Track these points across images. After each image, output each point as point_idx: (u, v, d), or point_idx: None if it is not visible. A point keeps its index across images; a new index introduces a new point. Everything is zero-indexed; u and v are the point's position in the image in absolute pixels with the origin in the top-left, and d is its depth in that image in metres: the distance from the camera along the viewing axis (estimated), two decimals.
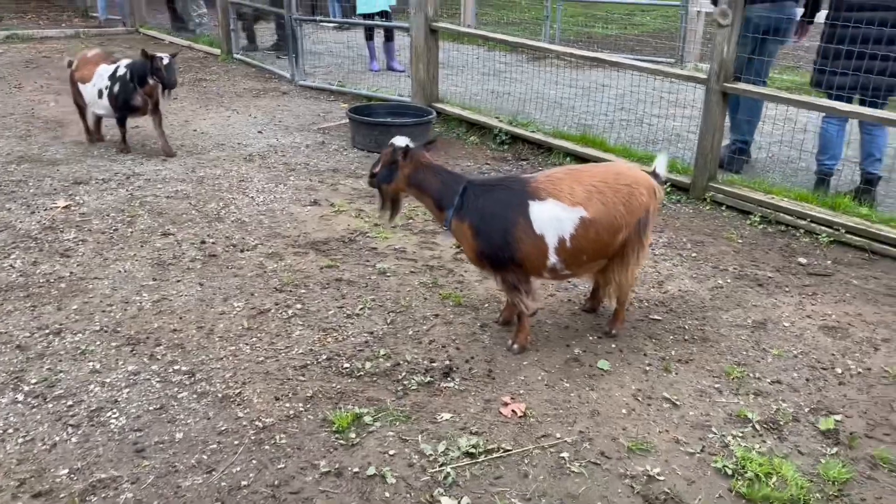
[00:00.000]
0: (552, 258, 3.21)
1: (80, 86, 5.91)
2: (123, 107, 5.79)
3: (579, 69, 9.11)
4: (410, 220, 4.87)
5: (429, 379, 3.19)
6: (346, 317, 3.69)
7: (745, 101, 5.70)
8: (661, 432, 2.90)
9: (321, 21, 10.63)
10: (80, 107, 6.16)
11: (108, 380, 3.15)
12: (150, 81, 5.68)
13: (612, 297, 3.56)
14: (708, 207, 5.23)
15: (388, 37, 9.56)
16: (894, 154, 5.71)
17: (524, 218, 3.15)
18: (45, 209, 4.90)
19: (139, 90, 5.71)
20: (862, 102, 4.90)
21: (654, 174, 3.43)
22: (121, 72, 5.72)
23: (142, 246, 4.41)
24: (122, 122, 5.99)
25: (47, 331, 3.49)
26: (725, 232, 4.82)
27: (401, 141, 3.36)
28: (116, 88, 5.71)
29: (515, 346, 3.40)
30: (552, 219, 3.15)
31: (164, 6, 12.15)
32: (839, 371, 3.33)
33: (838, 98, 4.97)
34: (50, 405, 2.97)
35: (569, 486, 2.61)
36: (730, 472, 2.68)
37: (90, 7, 13.39)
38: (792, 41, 5.88)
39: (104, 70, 5.80)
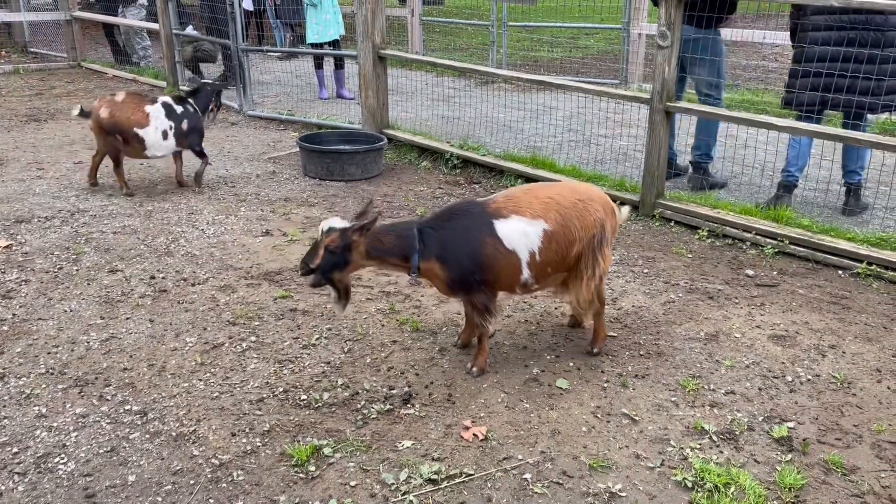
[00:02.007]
0: (525, 273, 3.25)
1: (138, 131, 5.54)
2: (201, 138, 5.91)
3: (527, 92, 9.26)
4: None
5: (388, 407, 3.16)
6: (302, 347, 3.64)
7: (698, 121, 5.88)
8: (621, 448, 2.92)
9: (268, 51, 10.59)
10: (112, 153, 5.71)
11: (55, 424, 3.04)
12: (211, 107, 6.06)
13: (586, 315, 3.61)
14: (657, 224, 5.33)
15: (339, 65, 9.59)
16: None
17: (493, 237, 3.18)
18: None
19: (203, 119, 5.97)
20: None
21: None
22: (178, 108, 5.72)
23: (88, 284, 4.29)
24: (203, 153, 5.97)
25: None
26: (675, 247, 4.92)
27: (338, 222, 3.13)
28: (187, 125, 5.72)
29: (475, 368, 3.40)
30: (520, 234, 3.20)
31: (104, 40, 11.97)
32: (790, 379, 3.41)
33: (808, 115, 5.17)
34: None
35: None
36: (689, 484, 2.71)
37: (29, 43, 13.12)
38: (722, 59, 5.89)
39: (156, 111, 5.62)
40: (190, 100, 5.85)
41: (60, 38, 12.14)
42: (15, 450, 2.88)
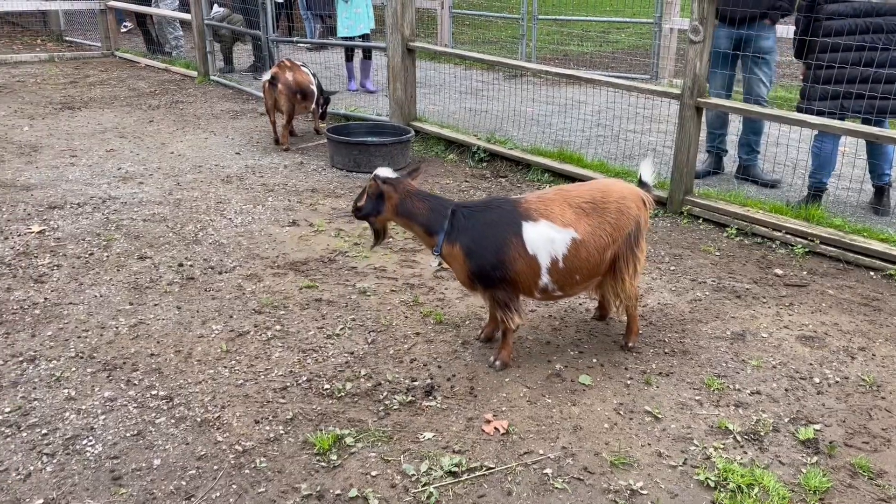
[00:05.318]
0: (544, 278, 3.23)
1: (312, 87, 6.94)
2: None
3: (556, 86, 9.20)
4: (391, 239, 4.86)
5: (410, 398, 3.17)
6: (326, 337, 3.67)
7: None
8: (643, 446, 2.90)
9: (298, 42, 10.65)
10: (293, 111, 6.88)
11: (83, 407, 3.09)
12: (321, 102, 7.47)
13: (620, 310, 3.61)
14: (685, 221, 5.27)
15: (366, 55, 9.61)
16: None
17: (517, 238, 3.17)
18: (19, 235, 4.83)
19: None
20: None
21: (640, 183, 3.51)
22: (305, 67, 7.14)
23: (118, 270, 4.36)
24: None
25: (21, 358, 3.43)
26: (703, 245, 4.87)
27: (384, 171, 3.34)
28: (317, 82, 7.18)
29: (498, 362, 3.40)
30: (545, 240, 3.18)
31: (138, 30, 12.13)
32: (817, 380, 3.36)
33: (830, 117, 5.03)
34: (24, 434, 2.92)
35: (553, 503, 2.60)
36: (712, 484, 2.69)
37: (65, 31, 13.33)
38: None
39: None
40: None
41: (95, 27, 12.32)
42: (44, 431, 2.94)
